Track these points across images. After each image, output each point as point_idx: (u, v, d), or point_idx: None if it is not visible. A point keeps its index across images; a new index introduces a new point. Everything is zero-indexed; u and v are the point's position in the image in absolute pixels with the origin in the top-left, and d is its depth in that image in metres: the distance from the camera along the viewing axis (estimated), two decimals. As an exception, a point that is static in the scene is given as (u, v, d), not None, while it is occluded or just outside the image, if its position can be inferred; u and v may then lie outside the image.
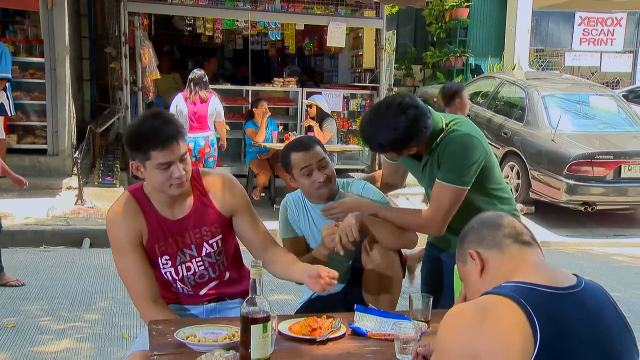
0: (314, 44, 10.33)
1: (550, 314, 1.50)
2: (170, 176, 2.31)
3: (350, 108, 8.93)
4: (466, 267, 1.75)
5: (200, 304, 2.55)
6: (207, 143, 7.35)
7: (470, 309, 1.56)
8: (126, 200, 2.45)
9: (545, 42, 12.46)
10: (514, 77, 9.49)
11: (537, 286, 1.55)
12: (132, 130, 2.34)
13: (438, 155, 2.61)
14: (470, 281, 1.73)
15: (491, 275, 1.66)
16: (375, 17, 8.41)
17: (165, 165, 2.29)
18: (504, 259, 1.65)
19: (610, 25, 12.60)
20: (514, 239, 1.68)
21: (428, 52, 12.92)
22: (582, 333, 1.51)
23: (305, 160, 2.73)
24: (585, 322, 1.53)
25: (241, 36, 10.53)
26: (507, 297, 1.52)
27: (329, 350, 2.10)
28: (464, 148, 2.56)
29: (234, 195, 2.51)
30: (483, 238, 1.70)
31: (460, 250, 1.78)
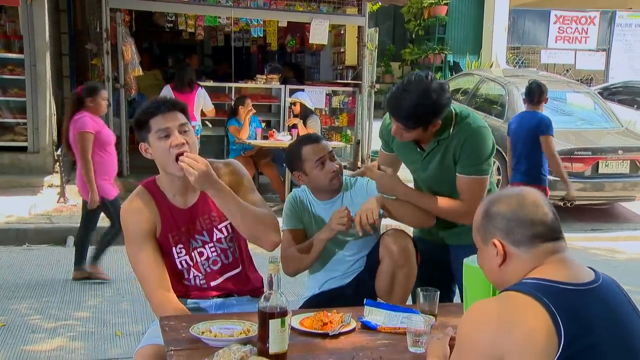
0: (296, 40, 10.35)
1: (573, 311, 1.51)
2: (170, 144, 2.35)
3: (332, 105, 8.97)
4: (486, 249, 1.71)
5: (209, 298, 2.58)
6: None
7: (493, 307, 1.56)
8: (139, 193, 2.51)
9: (521, 39, 12.66)
10: (494, 75, 9.62)
11: (557, 283, 1.56)
12: (139, 110, 2.45)
13: (454, 147, 2.66)
14: (487, 264, 1.72)
15: (511, 270, 1.66)
16: (358, 14, 8.46)
17: (164, 132, 2.36)
18: (527, 258, 1.63)
19: (584, 23, 12.83)
20: (543, 238, 1.64)
21: (407, 49, 13.03)
22: (603, 329, 1.52)
23: (318, 152, 2.80)
24: (606, 318, 1.55)
25: (223, 33, 10.51)
26: (529, 295, 1.52)
27: (341, 344, 2.15)
28: (484, 141, 2.65)
29: (234, 178, 2.55)
30: (511, 232, 1.64)
31: (484, 228, 1.71)
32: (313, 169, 2.79)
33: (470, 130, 2.66)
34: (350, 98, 8.98)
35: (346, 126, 9.09)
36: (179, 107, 2.43)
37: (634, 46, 13.28)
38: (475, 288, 2.14)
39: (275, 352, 1.94)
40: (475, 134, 2.65)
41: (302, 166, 2.83)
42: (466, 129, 2.67)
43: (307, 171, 2.82)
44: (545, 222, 1.64)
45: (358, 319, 2.29)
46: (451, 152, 2.69)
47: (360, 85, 8.69)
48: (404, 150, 2.87)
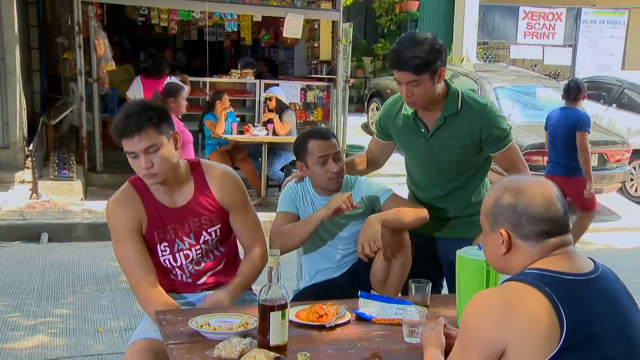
0: (270, 35, 10.33)
1: (574, 300, 1.55)
2: (139, 166, 2.38)
3: (307, 99, 9.00)
4: (492, 236, 1.72)
5: (197, 292, 2.60)
6: None
7: (495, 297, 1.60)
8: (126, 189, 2.52)
9: (491, 35, 12.80)
10: (466, 69, 9.75)
11: (558, 274, 1.59)
12: (114, 120, 2.42)
13: (478, 123, 2.74)
14: (490, 250, 1.75)
15: (514, 260, 1.69)
16: (332, 9, 8.49)
17: (132, 154, 2.37)
18: (532, 252, 1.66)
19: (551, 19, 13.03)
20: (551, 234, 1.65)
21: (378, 44, 13.08)
22: (603, 318, 1.57)
23: (324, 149, 2.80)
24: (605, 307, 1.58)
25: (196, 27, 10.43)
26: (531, 285, 1.56)
27: (338, 335, 2.18)
28: (498, 114, 2.81)
29: (232, 192, 2.58)
30: (520, 226, 1.66)
31: (494, 215, 1.71)
32: (314, 165, 2.80)
33: (483, 108, 2.77)
34: (324, 93, 9.01)
35: (321, 120, 9.13)
36: (150, 127, 2.34)
37: (598, 42, 13.53)
38: (468, 279, 2.19)
39: (276, 344, 1.96)
40: (489, 113, 2.77)
41: (305, 158, 2.83)
42: (477, 110, 2.75)
43: (309, 165, 2.83)
44: (555, 219, 1.65)
45: (353, 310, 2.33)
46: (468, 131, 2.75)
47: (334, 79, 8.73)
48: (406, 132, 2.88)
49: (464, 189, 2.90)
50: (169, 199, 2.51)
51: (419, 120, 2.83)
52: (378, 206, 2.88)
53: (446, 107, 2.75)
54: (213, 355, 1.96)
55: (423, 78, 2.62)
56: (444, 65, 2.67)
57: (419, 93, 2.65)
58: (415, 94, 2.65)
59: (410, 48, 2.59)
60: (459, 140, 2.78)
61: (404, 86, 2.65)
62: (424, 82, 2.63)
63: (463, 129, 2.76)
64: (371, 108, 11.19)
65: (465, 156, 2.83)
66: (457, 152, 2.80)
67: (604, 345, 1.54)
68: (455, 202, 2.93)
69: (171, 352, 2.03)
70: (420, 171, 2.96)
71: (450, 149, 2.80)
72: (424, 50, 2.59)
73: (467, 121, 2.75)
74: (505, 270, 1.74)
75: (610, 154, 8.39)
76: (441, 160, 2.84)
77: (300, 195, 2.89)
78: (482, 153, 2.86)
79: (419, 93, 2.65)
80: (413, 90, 2.64)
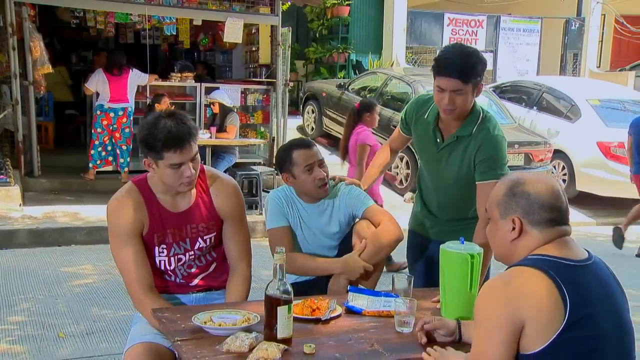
0: (208, 39, 10.34)
1: (573, 282, 1.73)
2: (181, 175, 2.44)
3: (247, 103, 9.09)
4: (502, 223, 1.88)
5: (189, 293, 2.68)
6: (125, 114, 8.10)
7: (503, 283, 1.77)
8: (129, 190, 2.55)
9: (419, 40, 13.26)
10: (400, 73, 10.09)
11: (558, 259, 1.77)
12: (148, 130, 2.42)
13: (477, 146, 2.80)
14: (499, 236, 1.91)
15: (522, 245, 1.87)
16: (271, 14, 8.62)
17: (177, 165, 2.42)
18: (539, 237, 1.83)
19: (474, 26, 13.64)
20: (557, 222, 1.84)
21: (311, 48, 13.31)
22: (597, 301, 1.75)
23: (309, 158, 2.90)
24: (599, 291, 1.77)
25: (132, 30, 10.30)
26: (536, 268, 1.75)
27: (334, 327, 2.32)
28: (503, 148, 2.84)
29: (231, 204, 2.66)
30: (532, 213, 1.82)
31: (505, 203, 1.87)
32: (302, 174, 2.90)
33: (497, 138, 2.83)
34: (264, 96, 9.13)
35: (261, 123, 9.24)
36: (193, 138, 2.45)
37: (516, 48, 14.24)
38: (453, 271, 2.38)
39: (282, 337, 2.08)
40: (492, 141, 2.81)
41: (291, 169, 2.92)
42: (486, 135, 2.82)
43: (296, 175, 2.92)
44: (562, 209, 1.86)
45: (344, 304, 2.48)
46: (468, 155, 2.84)
47: (274, 83, 8.86)
48: (423, 137, 2.97)
49: (465, 199, 2.97)
50: (172, 203, 2.57)
51: (437, 130, 2.90)
52: (358, 215, 3.03)
53: (463, 127, 2.83)
54: (222, 349, 2.05)
55: (467, 88, 2.68)
56: (482, 77, 2.75)
57: (460, 103, 2.71)
58: (457, 103, 2.70)
59: (461, 57, 2.66)
60: (461, 160, 2.87)
61: (446, 94, 2.68)
62: (467, 92, 2.69)
63: (467, 151, 2.85)
64: (307, 111, 11.40)
65: (462, 177, 2.90)
66: (457, 170, 2.89)
67: (598, 325, 1.74)
68: (458, 208, 3.01)
69: (179, 348, 2.11)
70: (429, 175, 3.05)
71: (453, 166, 2.89)
72: (473, 61, 2.67)
73: (471, 145, 2.83)
74: (509, 256, 1.91)
75: (534, 153, 8.92)
76: (447, 171, 2.93)
77: (285, 205, 2.99)
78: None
79: (460, 103, 2.71)
80: (455, 99, 2.69)
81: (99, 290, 5.13)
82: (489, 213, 1.97)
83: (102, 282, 5.33)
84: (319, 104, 10.92)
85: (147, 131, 2.43)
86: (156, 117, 2.47)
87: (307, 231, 3.01)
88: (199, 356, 2.03)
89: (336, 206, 3.03)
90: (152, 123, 2.43)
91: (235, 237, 2.68)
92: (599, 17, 14.57)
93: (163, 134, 2.39)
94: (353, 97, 10.16)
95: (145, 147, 2.45)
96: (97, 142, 8.10)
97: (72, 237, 6.56)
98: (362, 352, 2.13)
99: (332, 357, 2.08)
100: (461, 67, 2.65)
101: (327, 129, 10.78)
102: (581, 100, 9.33)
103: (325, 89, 10.95)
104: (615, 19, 15.16)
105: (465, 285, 2.37)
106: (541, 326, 1.71)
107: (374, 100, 6.52)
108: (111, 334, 4.28)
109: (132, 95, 8.15)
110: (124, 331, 4.26)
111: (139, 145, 2.51)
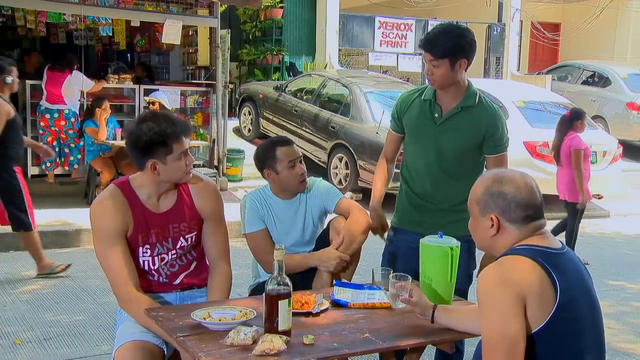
0: (145, 40, 10.18)
1: (558, 269, 1.93)
2: (187, 162, 2.58)
3: (187, 105, 9.04)
4: (482, 220, 2.05)
5: (173, 292, 2.75)
6: (61, 116, 7.98)
7: (499, 267, 1.94)
8: (113, 192, 2.59)
9: (351, 42, 13.50)
10: (336, 75, 10.27)
11: (542, 247, 1.98)
12: (151, 131, 2.49)
13: (487, 118, 3.06)
14: (480, 232, 2.08)
15: (501, 240, 2.05)
16: (210, 15, 8.60)
17: (184, 152, 2.56)
18: (517, 233, 2.01)
19: (403, 29, 14.02)
20: (532, 218, 2.01)
21: (244, 49, 13.32)
22: (576, 284, 1.97)
23: (291, 154, 3.06)
24: (576, 276, 1.99)
25: (64, 30, 10.01)
26: (525, 256, 1.93)
27: (325, 320, 2.44)
28: (504, 121, 3.12)
29: (212, 203, 2.75)
30: (509, 211, 1.99)
31: (485, 202, 2.04)
32: (284, 169, 3.04)
33: (494, 111, 3.11)
34: (204, 98, 9.11)
35: (201, 125, 9.21)
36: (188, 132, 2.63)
37: (443, 51, 14.79)
38: (433, 264, 2.55)
39: (283, 330, 2.18)
40: (500, 116, 3.11)
41: (274, 165, 3.05)
42: (490, 109, 3.10)
43: (279, 170, 3.05)
44: (536, 205, 2.04)
45: (330, 297, 2.60)
46: (476, 126, 3.06)
47: (214, 85, 8.86)
48: (418, 117, 3.13)
49: (454, 184, 3.10)
50: (154, 204, 2.64)
51: (435, 104, 3.10)
52: (329, 209, 3.19)
53: (466, 99, 3.07)
54: (226, 343, 2.13)
55: (442, 62, 2.96)
56: (466, 58, 2.99)
57: (438, 74, 2.99)
58: (435, 73, 2.99)
59: (437, 35, 2.97)
60: (467, 130, 3.06)
61: (428, 64, 3.00)
62: (443, 65, 2.96)
63: (473, 122, 3.06)
64: (243, 112, 11.43)
65: (466, 148, 3.08)
66: (461, 141, 3.07)
67: (578, 307, 1.95)
68: (442, 198, 3.13)
69: (183, 343, 2.17)
70: (420, 157, 3.14)
71: (457, 136, 3.07)
72: (445, 39, 2.95)
73: (479, 117, 3.07)
74: (491, 250, 2.10)
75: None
76: (445, 146, 3.07)
77: (260, 207, 3.10)
78: (480, 153, 3.12)
79: (438, 74, 2.99)
80: (433, 70, 2.98)
81: (49, 296, 5.04)
82: (470, 208, 2.13)
83: (51, 288, 5.23)
84: (256, 106, 10.98)
85: (150, 133, 2.50)
86: (145, 120, 2.54)
87: (281, 228, 3.13)
88: (205, 350, 2.10)
89: (309, 202, 3.18)
90: (150, 126, 2.51)
91: (215, 236, 2.76)
92: (518, 23, 15.29)
93: (169, 128, 2.51)
94: (290, 98, 10.28)
95: (152, 148, 2.51)
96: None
97: (11, 243, 6.37)
98: (357, 341, 2.25)
99: (331, 346, 2.19)
100: (433, 43, 2.97)
101: (264, 131, 10.84)
102: (508, 102, 9.77)
103: (261, 91, 11.01)
104: (532, 25, 15.95)
105: (445, 276, 2.54)
106: (539, 306, 1.88)
107: (582, 109, 7.26)
108: (70, 338, 4.23)
109: (69, 97, 8.00)
110: (83, 335, 4.27)
111: (143, 149, 2.52)
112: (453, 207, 3.11)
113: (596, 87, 12.85)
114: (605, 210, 9.39)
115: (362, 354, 2.26)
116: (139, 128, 2.51)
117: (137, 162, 2.58)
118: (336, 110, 9.42)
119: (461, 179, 3.05)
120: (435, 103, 3.10)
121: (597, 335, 2.04)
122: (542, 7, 15.53)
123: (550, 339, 1.89)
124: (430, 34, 3.03)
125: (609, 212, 9.38)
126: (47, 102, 7.93)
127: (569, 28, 16.04)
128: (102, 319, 4.56)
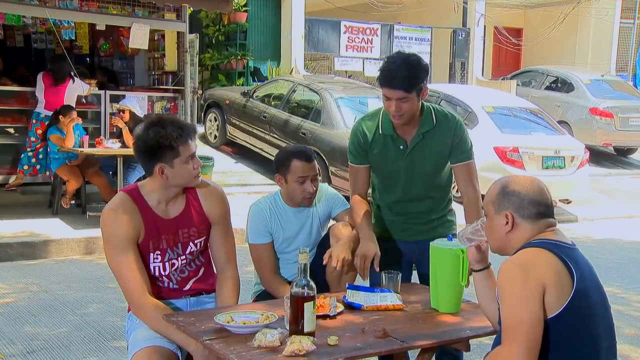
0: (109, 44, 9.88)
1: (573, 260, 2.06)
2: (195, 166, 2.57)
3: (155, 110, 8.82)
4: (497, 218, 2.17)
5: (182, 298, 2.73)
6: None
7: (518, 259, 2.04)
8: (123, 199, 2.58)
9: (317, 47, 13.44)
10: (306, 81, 10.16)
11: (556, 241, 2.11)
12: (159, 136, 2.49)
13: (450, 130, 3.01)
14: (495, 231, 2.19)
15: (515, 237, 2.16)
16: (177, 19, 8.42)
17: (191, 156, 2.55)
18: (530, 229, 2.13)
19: (369, 34, 14.04)
20: (544, 215, 2.14)
21: (207, 54, 13.10)
22: (588, 276, 2.09)
23: (305, 171, 3.02)
24: (587, 268, 2.12)
25: (21, 33, 9.65)
26: (542, 248, 2.05)
27: (343, 322, 2.43)
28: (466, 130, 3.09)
29: (220, 208, 2.75)
30: (523, 208, 2.13)
31: (499, 201, 2.16)
32: (293, 182, 3.02)
33: (454, 122, 3.06)
34: (172, 104, 8.92)
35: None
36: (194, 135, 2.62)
37: (409, 56, 14.85)
38: (444, 266, 2.58)
39: (308, 331, 2.18)
40: (461, 125, 3.07)
41: (285, 174, 3.03)
42: (450, 122, 3.05)
43: (288, 181, 3.04)
44: (547, 204, 2.18)
45: (343, 300, 2.60)
46: (442, 142, 3.02)
47: (182, 91, 8.66)
48: (383, 151, 3.06)
49: (433, 199, 3.13)
50: (164, 209, 2.63)
51: (398, 138, 3.02)
52: (333, 214, 3.23)
53: (423, 124, 3.00)
54: (254, 345, 2.13)
55: (412, 95, 2.86)
56: (426, 82, 2.92)
57: (407, 109, 2.88)
58: (404, 109, 2.87)
59: (402, 69, 2.83)
60: (436, 150, 3.04)
61: (393, 102, 2.86)
62: (412, 99, 2.87)
63: (439, 141, 3.03)
64: (208, 118, 11.20)
65: (438, 165, 3.08)
66: (433, 161, 3.05)
67: (591, 297, 2.07)
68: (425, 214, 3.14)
69: (211, 347, 2.17)
70: (396, 188, 3.10)
71: (428, 160, 3.04)
72: (415, 71, 2.85)
73: (441, 133, 3.02)
74: (505, 247, 2.19)
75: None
76: (418, 172, 3.05)
77: (268, 217, 3.08)
78: (449, 164, 3.11)
79: (407, 109, 2.88)
80: (402, 106, 2.86)
81: (25, 309, 4.86)
82: (485, 210, 2.24)
83: (25, 301, 5.05)
84: (222, 112, 10.76)
85: (157, 137, 2.50)
86: (152, 125, 2.54)
87: (289, 233, 3.12)
88: (235, 352, 2.09)
89: (318, 209, 3.19)
90: (156, 130, 2.51)
91: (223, 241, 2.77)
92: (482, 28, 15.47)
93: (175, 131, 2.50)
94: (259, 104, 10.13)
95: (160, 152, 2.51)
96: (28, 149, 7.92)
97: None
98: (380, 342, 2.26)
99: (355, 347, 2.20)
100: (403, 78, 2.83)
101: (231, 137, 10.66)
102: (478, 107, 9.84)
103: (228, 97, 10.82)
104: (497, 30, 16.16)
105: (456, 278, 2.56)
106: (556, 293, 1.99)
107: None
108: (55, 351, 4.10)
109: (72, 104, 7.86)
110: (68, 347, 4.14)
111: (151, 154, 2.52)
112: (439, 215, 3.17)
113: (560, 92, 13.05)
114: (573, 215, 9.51)
115: (385, 353, 2.31)
116: (146, 133, 2.53)
117: (145, 167, 2.59)
118: (306, 116, 9.33)
119: (440, 190, 3.14)
120: (397, 136, 3.03)
121: (609, 324, 2.14)
122: (505, 12, 15.75)
123: (566, 324, 2.00)
124: (391, 69, 2.85)
125: (577, 217, 9.49)
126: (47, 110, 7.81)
127: (531, 34, 16.33)
128: (85, 330, 4.43)
